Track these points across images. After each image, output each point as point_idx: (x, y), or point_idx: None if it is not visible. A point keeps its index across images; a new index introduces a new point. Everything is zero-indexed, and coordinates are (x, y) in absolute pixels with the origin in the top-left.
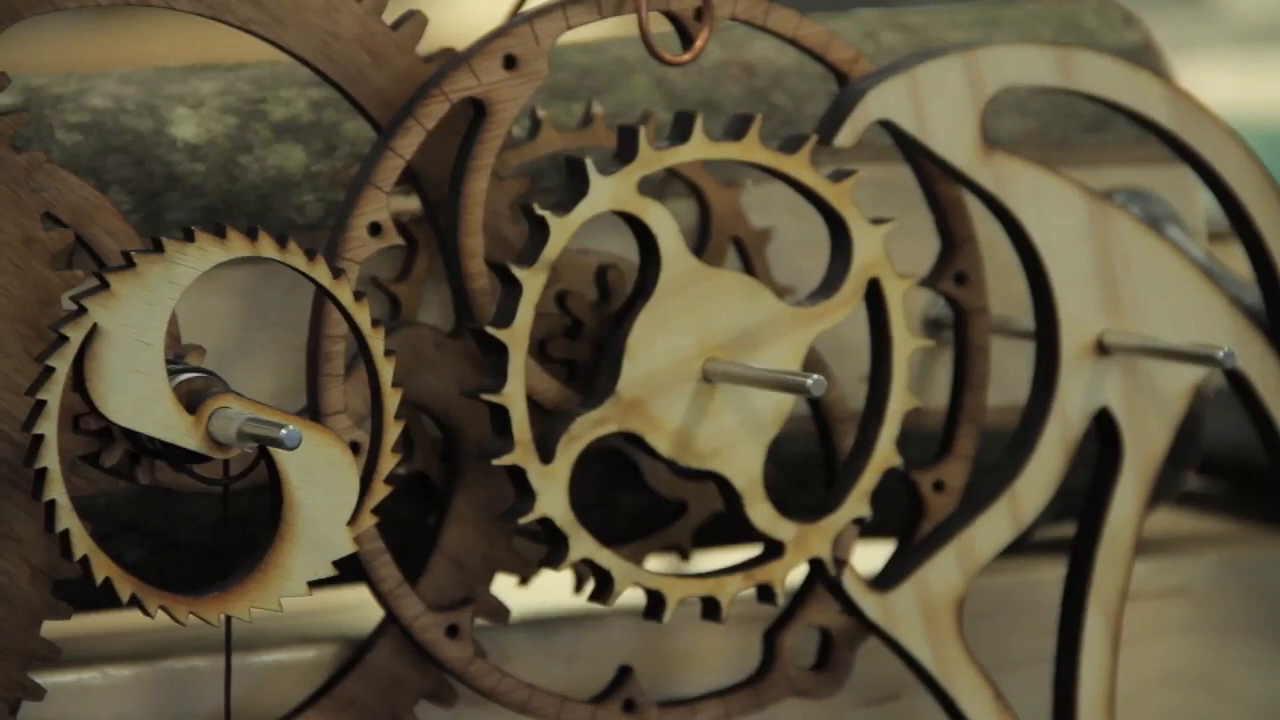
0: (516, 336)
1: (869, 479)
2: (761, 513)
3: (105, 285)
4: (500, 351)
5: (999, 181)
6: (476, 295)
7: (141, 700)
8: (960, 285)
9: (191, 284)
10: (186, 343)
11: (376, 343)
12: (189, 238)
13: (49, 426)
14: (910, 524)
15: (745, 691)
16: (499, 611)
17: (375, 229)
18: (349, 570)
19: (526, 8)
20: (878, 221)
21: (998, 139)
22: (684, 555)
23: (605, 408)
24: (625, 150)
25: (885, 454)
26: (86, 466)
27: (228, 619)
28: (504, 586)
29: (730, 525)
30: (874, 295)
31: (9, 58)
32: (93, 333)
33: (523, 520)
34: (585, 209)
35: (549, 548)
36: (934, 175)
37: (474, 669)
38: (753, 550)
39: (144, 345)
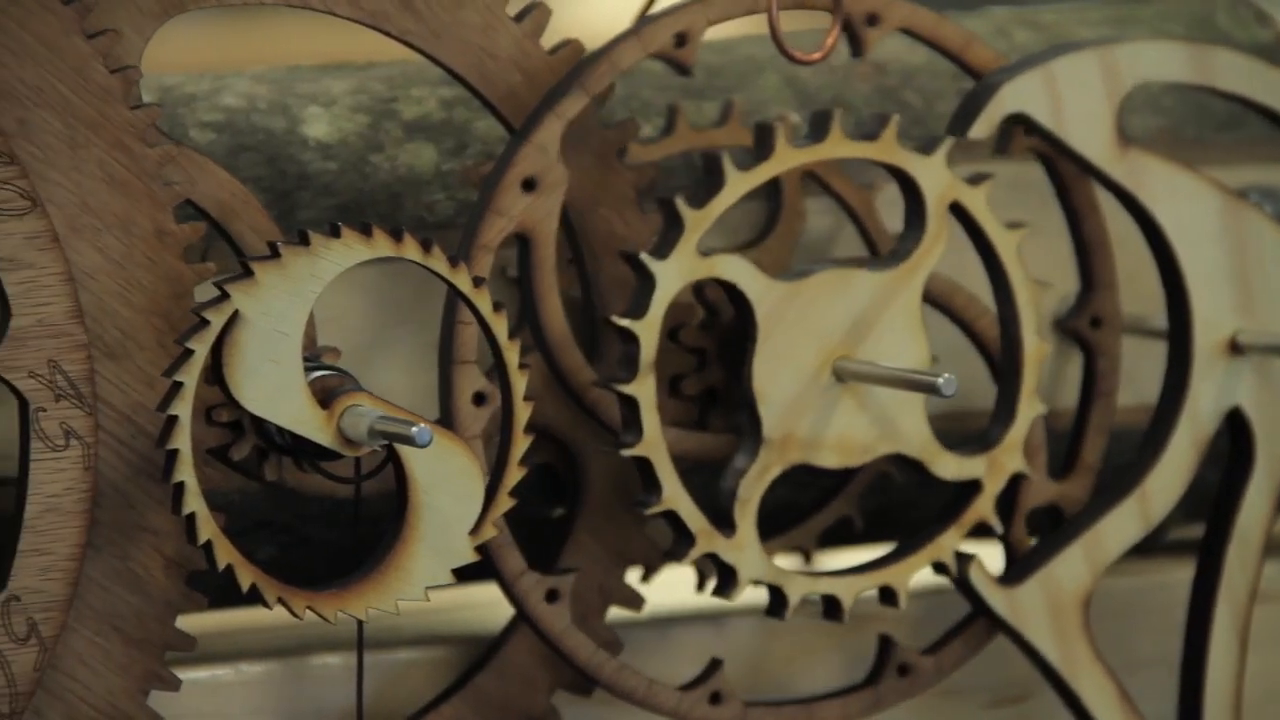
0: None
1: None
2: (946, 464)
3: (249, 273)
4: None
5: (1134, 178)
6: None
7: (274, 696)
8: (1095, 329)
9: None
10: (322, 344)
11: (512, 354)
12: (335, 233)
13: (184, 409)
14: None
15: (862, 693)
16: (633, 599)
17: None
18: (480, 568)
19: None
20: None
21: (1131, 136)
22: (807, 557)
23: (762, 458)
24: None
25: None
26: (216, 462)
27: (359, 618)
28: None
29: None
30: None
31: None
32: (233, 319)
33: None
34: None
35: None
36: (1069, 181)
37: (567, 638)
38: (875, 552)
39: (282, 336)
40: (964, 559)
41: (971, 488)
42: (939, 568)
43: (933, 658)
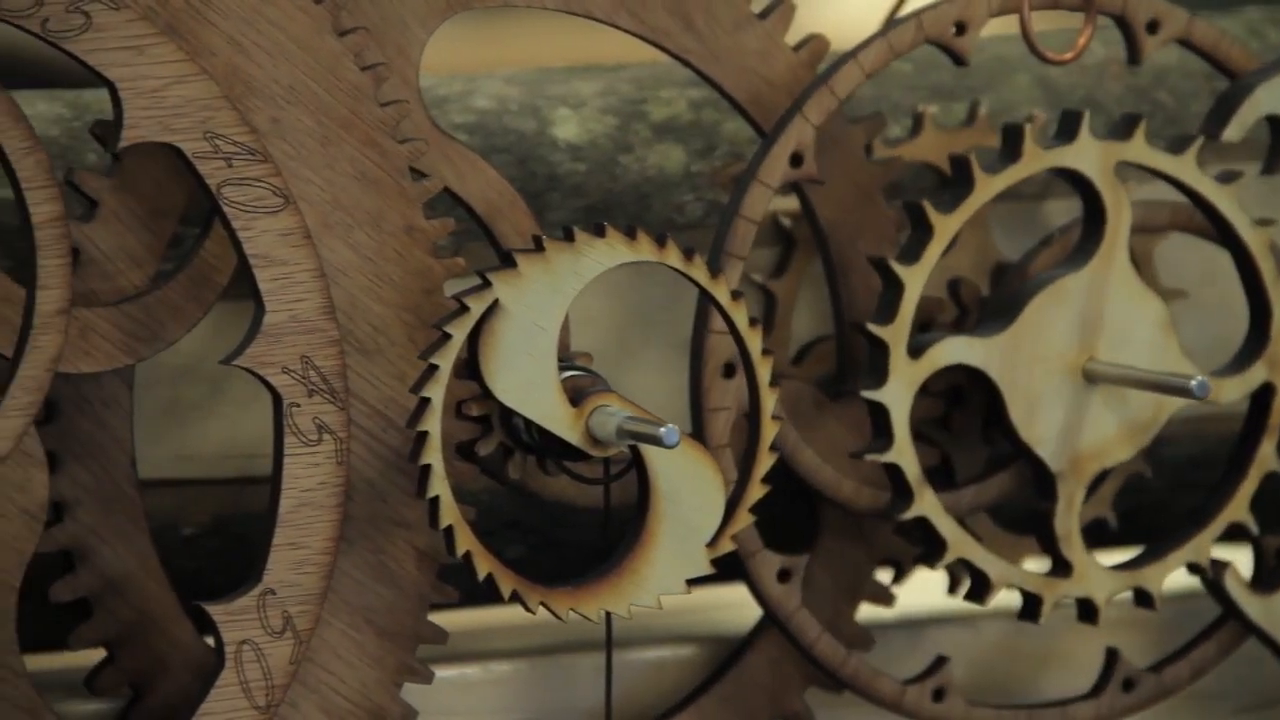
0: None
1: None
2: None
3: (513, 264)
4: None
5: None
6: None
7: (522, 694)
8: None
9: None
10: (574, 349)
11: (764, 370)
12: (599, 233)
13: (436, 392)
14: None
15: (1087, 703)
16: (883, 595)
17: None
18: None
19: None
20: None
21: None
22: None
23: (1062, 491)
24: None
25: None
26: (463, 460)
27: (608, 615)
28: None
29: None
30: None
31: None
32: (492, 309)
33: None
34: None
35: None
36: None
37: (796, 619)
38: (1129, 553)
39: (540, 330)
40: (1217, 565)
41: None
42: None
43: (1174, 665)
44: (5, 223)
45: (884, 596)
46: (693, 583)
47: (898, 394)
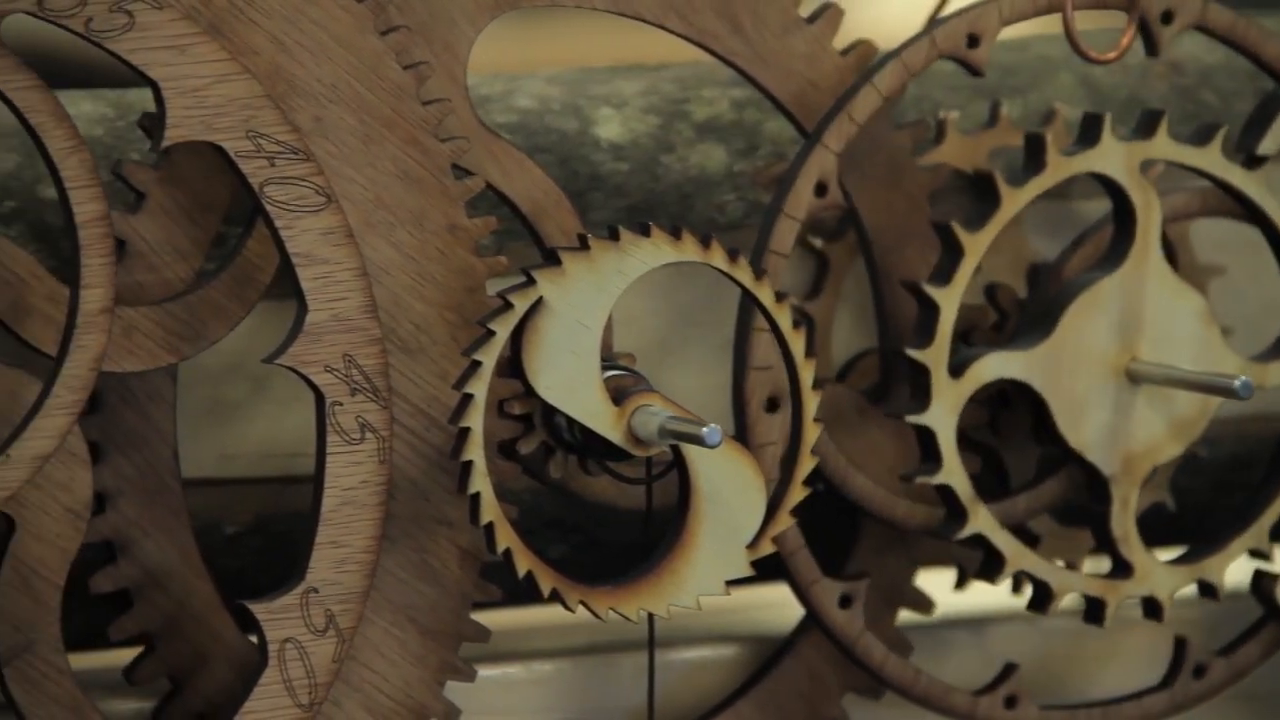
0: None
1: None
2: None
3: (558, 262)
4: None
5: None
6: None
7: (564, 694)
8: None
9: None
10: (617, 350)
11: (806, 373)
12: (644, 232)
13: (480, 388)
14: None
15: (1160, 693)
16: (923, 603)
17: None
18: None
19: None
20: None
21: None
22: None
23: (1116, 494)
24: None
25: None
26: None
27: (651, 615)
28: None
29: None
30: None
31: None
32: (536, 306)
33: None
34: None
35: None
36: None
37: (861, 643)
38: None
39: (584, 328)
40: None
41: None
42: (1256, 554)
43: (1227, 660)
44: (49, 222)
45: (924, 604)
46: (732, 584)
47: (942, 415)
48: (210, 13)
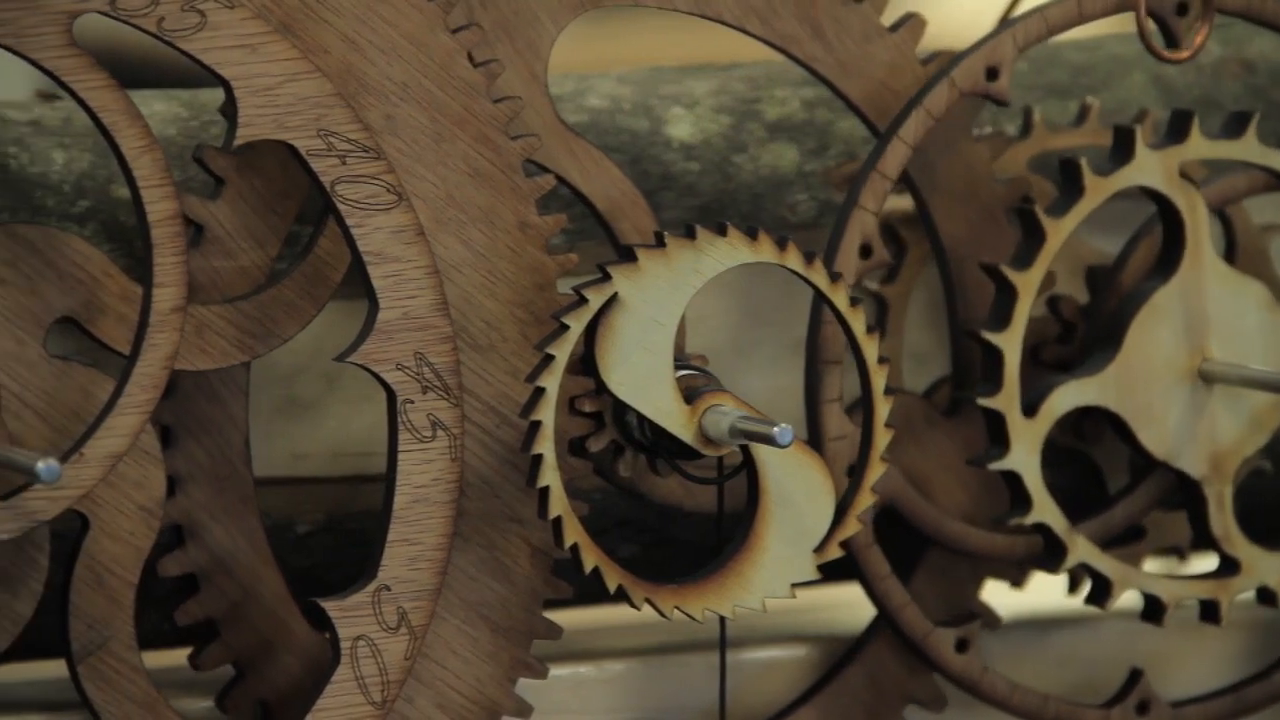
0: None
1: None
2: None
3: (634, 258)
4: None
5: None
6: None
7: (634, 694)
8: None
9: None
10: (688, 349)
11: (879, 379)
12: (721, 232)
13: (552, 383)
14: None
15: (1257, 685)
16: (990, 619)
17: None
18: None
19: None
20: None
21: None
22: (1181, 557)
23: (1210, 495)
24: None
25: None
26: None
27: (722, 617)
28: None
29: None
30: None
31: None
32: (611, 302)
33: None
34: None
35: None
36: None
37: (986, 681)
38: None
39: (658, 325)
40: None
41: None
42: None
43: None
44: (123, 221)
45: (991, 619)
46: (798, 586)
47: (1024, 457)
48: (281, 12)
